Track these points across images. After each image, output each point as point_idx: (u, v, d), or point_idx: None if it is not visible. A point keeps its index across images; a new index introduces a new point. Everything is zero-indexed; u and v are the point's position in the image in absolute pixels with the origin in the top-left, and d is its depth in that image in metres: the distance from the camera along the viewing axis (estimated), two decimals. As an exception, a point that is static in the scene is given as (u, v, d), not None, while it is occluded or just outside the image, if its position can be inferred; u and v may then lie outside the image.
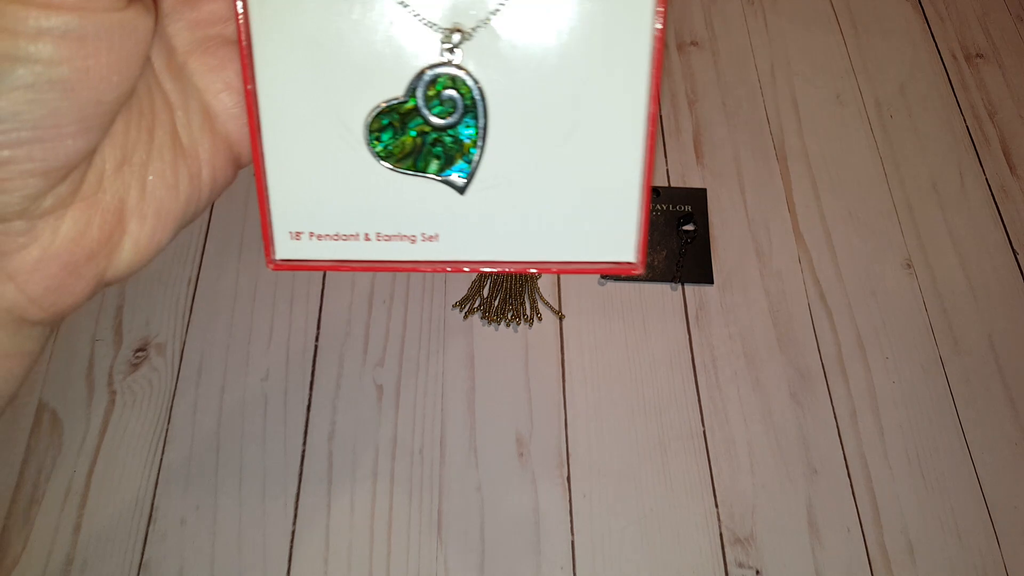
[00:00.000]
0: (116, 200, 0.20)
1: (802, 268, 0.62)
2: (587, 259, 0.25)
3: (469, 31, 0.22)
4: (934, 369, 0.58)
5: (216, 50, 0.22)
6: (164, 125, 0.21)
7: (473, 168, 0.24)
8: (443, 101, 0.23)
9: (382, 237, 0.24)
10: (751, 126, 0.68)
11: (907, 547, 0.52)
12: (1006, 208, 0.65)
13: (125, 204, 0.20)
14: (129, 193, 0.21)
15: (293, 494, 0.52)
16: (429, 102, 0.23)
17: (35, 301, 0.20)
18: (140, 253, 0.21)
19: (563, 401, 0.56)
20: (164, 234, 0.22)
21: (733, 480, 0.54)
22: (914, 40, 0.74)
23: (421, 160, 0.23)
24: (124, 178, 0.20)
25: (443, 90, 0.22)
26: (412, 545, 0.51)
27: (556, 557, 0.51)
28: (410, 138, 0.23)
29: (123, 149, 0.20)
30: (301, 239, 0.24)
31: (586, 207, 0.24)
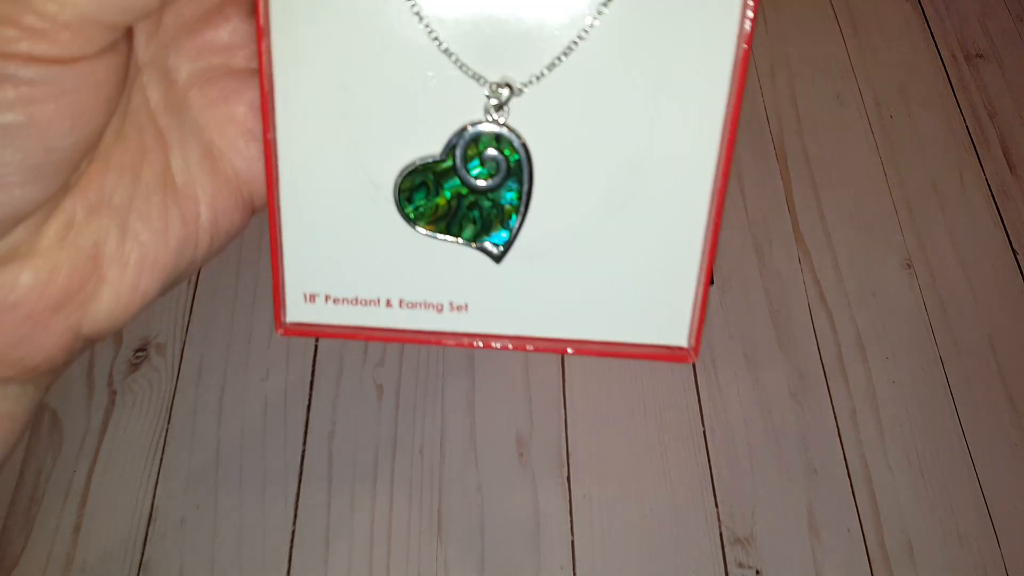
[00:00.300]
0: (90, 245, 0.18)
1: (802, 268, 0.62)
2: (631, 340, 0.22)
3: (520, 86, 0.20)
4: (934, 369, 0.58)
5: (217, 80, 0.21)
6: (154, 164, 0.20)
7: (512, 236, 0.21)
8: (484, 162, 0.20)
9: (406, 304, 0.22)
10: (751, 126, 0.68)
11: (907, 547, 0.52)
12: (1006, 208, 0.65)
13: (101, 250, 0.19)
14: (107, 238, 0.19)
15: (293, 494, 0.52)
16: (468, 162, 0.20)
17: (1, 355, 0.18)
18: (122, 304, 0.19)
19: (563, 401, 0.56)
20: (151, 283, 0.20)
21: (733, 480, 0.54)
22: (914, 40, 0.74)
23: (455, 224, 0.21)
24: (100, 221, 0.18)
25: (485, 150, 0.20)
26: (412, 545, 0.51)
27: (556, 557, 0.51)
28: (444, 200, 0.21)
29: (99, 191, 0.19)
30: (316, 302, 0.22)
31: (635, 284, 0.22)
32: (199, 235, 0.20)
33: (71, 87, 0.16)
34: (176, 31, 0.20)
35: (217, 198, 0.20)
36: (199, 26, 0.20)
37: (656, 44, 0.19)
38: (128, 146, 0.19)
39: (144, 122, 0.19)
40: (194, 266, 0.21)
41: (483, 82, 0.19)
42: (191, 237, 0.20)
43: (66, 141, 0.16)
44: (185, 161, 0.20)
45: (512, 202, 0.21)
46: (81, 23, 0.15)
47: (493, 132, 0.20)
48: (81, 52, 0.16)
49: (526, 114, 0.20)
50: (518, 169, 0.20)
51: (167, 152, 0.20)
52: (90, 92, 0.16)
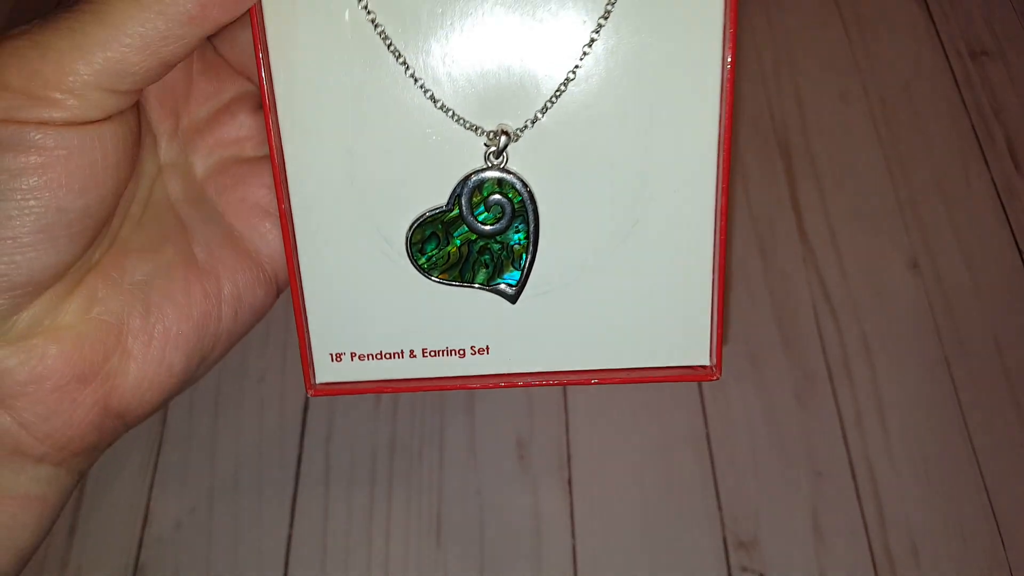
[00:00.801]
0: (113, 319, 0.20)
1: (806, 268, 0.61)
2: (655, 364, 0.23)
3: (516, 132, 0.21)
4: (940, 370, 0.58)
5: (230, 169, 0.23)
6: (176, 244, 0.21)
7: (524, 275, 0.22)
8: (490, 207, 0.21)
9: (429, 353, 0.23)
10: (754, 123, 0.67)
11: (912, 551, 0.52)
12: (1012, 207, 0.64)
13: (125, 324, 0.20)
14: (130, 313, 0.20)
15: (290, 497, 0.52)
16: (474, 209, 0.21)
17: (27, 428, 0.19)
18: (148, 378, 0.20)
19: (564, 403, 0.55)
20: (176, 357, 0.21)
21: (737, 483, 0.53)
22: (919, 37, 0.73)
23: (468, 270, 0.22)
24: (123, 297, 0.20)
25: (489, 195, 0.21)
26: (411, 549, 0.51)
27: (557, 561, 0.50)
28: (455, 248, 0.22)
29: (120, 270, 0.20)
30: (343, 361, 0.23)
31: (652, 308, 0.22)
32: (222, 309, 0.22)
33: (79, 149, 0.17)
34: (191, 133, 0.22)
35: (238, 273, 0.22)
36: (211, 126, 0.23)
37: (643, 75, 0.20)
38: (149, 233, 0.21)
39: (164, 213, 0.21)
40: (219, 342, 0.22)
41: (481, 132, 0.20)
42: (213, 311, 0.21)
43: (77, 203, 0.17)
44: (207, 244, 0.22)
45: (520, 242, 0.22)
46: (85, 90, 0.17)
47: (495, 177, 0.21)
48: (87, 117, 0.17)
49: (525, 157, 0.21)
50: (523, 210, 0.21)
51: (189, 237, 0.21)
52: (97, 156, 0.18)
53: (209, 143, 0.23)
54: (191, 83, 0.22)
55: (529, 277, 0.22)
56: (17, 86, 0.16)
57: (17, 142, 0.16)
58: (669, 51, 0.20)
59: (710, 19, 0.19)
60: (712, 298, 0.22)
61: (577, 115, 0.20)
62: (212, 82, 0.23)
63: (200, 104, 0.22)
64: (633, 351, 0.23)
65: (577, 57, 0.20)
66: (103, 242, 0.20)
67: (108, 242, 0.20)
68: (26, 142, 0.17)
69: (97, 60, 0.17)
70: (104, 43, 0.17)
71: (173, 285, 0.21)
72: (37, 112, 0.17)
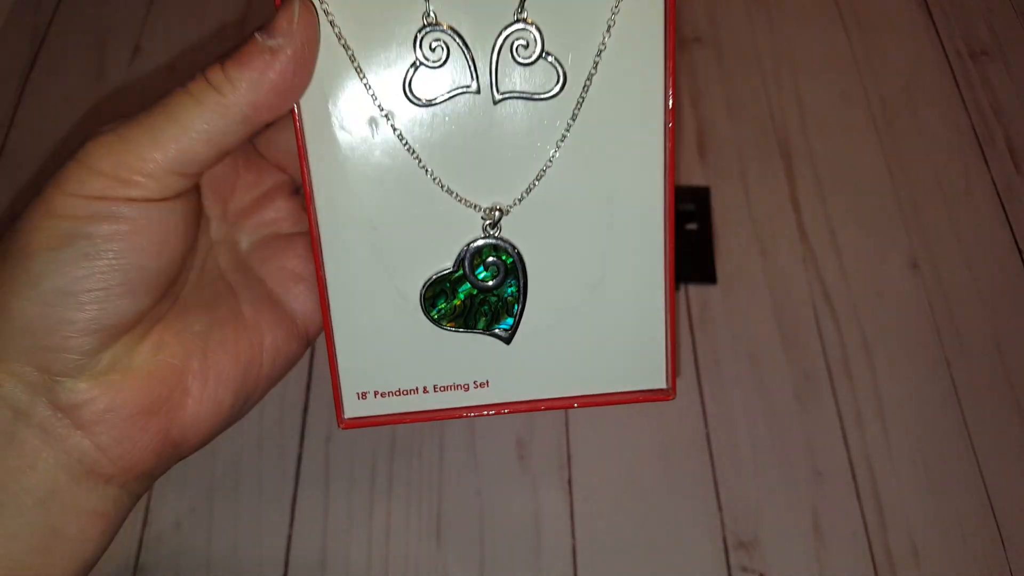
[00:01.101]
0: (177, 362, 0.24)
1: (806, 268, 0.61)
2: (623, 389, 0.28)
3: (507, 207, 0.26)
4: (940, 370, 0.58)
5: (270, 244, 0.28)
6: (227, 303, 0.26)
7: (516, 321, 0.27)
8: (487, 267, 0.26)
9: (439, 388, 0.27)
10: (755, 124, 0.67)
11: (912, 551, 0.52)
12: (1012, 207, 0.64)
13: (186, 366, 0.24)
14: (190, 357, 0.24)
15: (290, 497, 0.52)
16: (475, 269, 0.26)
17: (104, 451, 0.23)
18: (203, 413, 0.24)
19: (564, 403, 0.55)
20: (225, 396, 0.25)
21: (737, 483, 0.53)
22: (919, 37, 0.73)
23: (471, 319, 0.27)
24: (184, 345, 0.24)
25: (487, 258, 0.26)
26: (411, 549, 0.51)
27: (557, 562, 0.50)
28: (460, 301, 0.27)
29: (182, 323, 0.24)
30: (367, 398, 0.27)
31: (618, 345, 0.28)
32: (263, 357, 0.26)
33: (156, 220, 0.22)
34: (237, 215, 0.28)
35: (277, 329, 0.27)
36: (253, 209, 0.28)
37: (604, 166, 0.26)
38: (204, 294, 0.25)
39: (216, 279, 0.26)
40: (260, 385, 0.26)
41: (479, 209, 0.26)
42: (256, 359, 0.26)
43: (153, 263, 0.22)
44: (252, 304, 0.26)
45: (513, 295, 0.27)
46: (160, 174, 0.21)
47: (491, 244, 0.26)
48: (162, 195, 0.22)
49: (515, 227, 0.26)
50: (514, 269, 0.26)
51: (237, 299, 0.26)
52: (170, 226, 0.22)
53: (252, 223, 0.28)
54: (237, 176, 0.27)
55: (520, 323, 0.27)
56: (108, 171, 0.21)
57: (108, 214, 0.21)
58: (623, 149, 0.26)
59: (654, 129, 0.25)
60: (665, 335, 0.28)
61: (554, 195, 0.26)
62: (253, 174, 0.28)
63: (244, 192, 0.28)
64: (605, 379, 0.28)
65: (553, 150, 0.25)
66: (169, 300, 0.24)
67: (172, 300, 0.24)
68: (115, 214, 0.21)
69: (170, 151, 0.21)
70: (175, 138, 0.21)
71: (225, 337, 0.25)
72: (124, 191, 0.21)
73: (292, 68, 0.22)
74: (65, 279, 0.21)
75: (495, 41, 0.24)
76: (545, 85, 0.25)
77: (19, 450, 0.22)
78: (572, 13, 0.24)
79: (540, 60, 0.25)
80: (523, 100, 0.25)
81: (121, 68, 0.69)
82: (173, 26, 0.71)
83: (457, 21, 0.24)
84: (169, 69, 0.69)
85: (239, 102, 0.22)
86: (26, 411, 0.22)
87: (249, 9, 0.72)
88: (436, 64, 0.24)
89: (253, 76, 0.22)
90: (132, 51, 0.70)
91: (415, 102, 0.25)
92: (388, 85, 0.24)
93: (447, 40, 0.24)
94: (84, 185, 0.21)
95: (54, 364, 0.22)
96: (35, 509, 0.22)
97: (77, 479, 0.22)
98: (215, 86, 0.22)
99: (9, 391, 0.21)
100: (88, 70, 0.69)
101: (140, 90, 0.68)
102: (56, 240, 0.21)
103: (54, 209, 0.21)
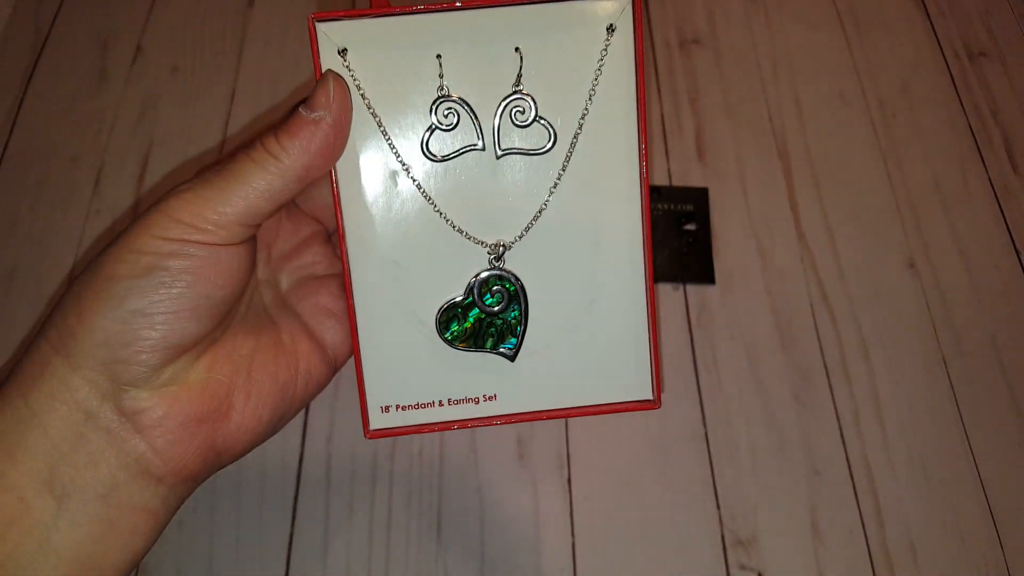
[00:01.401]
0: (225, 379, 0.27)
1: (804, 268, 0.61)
2: (615, 400, 0.32)
3: (510, 243, 0.30)
4: (937, 370, 0.58)
5: (306, 283, 0.32)
6: (269, 332, 0.30)
7: (519, 341, 0.31)
8: (493, 294, 0.30)
9: (452, 402, 0.31)
10: (753, 124, 0.67)
11: (910, 549, 0.52)
12: (1009, 207, 0.65)
13: (233, 382, 0.28)
14: (237, 375, 0.28)
15: (291, 496, 0.52)
16: (483, 296, 0.30)
17: (157, 453, 0.26)
18: (244, 425, 0.28)
19: (564, 402, 0.55)
20: (264, 411, 0.28)
21: (735, 481, 0.53)
22: (916, 38, 0.73)
23: (480, 340, 0.31)
24: (232, 364, 0.28)
25: (493, 286, 0.30)
26: (411, 548, 0.51)
27: (557, 560, 0.51)
28: (470, 324, 0.30)
29: (232, 347, 0.28)
30: (390, 411, 0.31)
31: (609, 361, 0.31)
32: (298, 380, 0.30)
33: (222, 260, 0.26)
34: (279, 259, 0.32)
35: (311, 356, 0.30)
36: (293, 254, 0.32)
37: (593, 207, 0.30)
38: (250, 324, 0.29)
39: (261, 312, 0.30)
40: (294, 404, 0.30)
41: (485, 244, 0.30)
42: (292, 381, 0.29)
43: (217, 294, 0.26)
44: (290, 334, 0.30)
45: (516, 318, 0.31)
46: (228, 224, 0.26)
47: (496, 274, 0.30)
48: (228, 241, 0.26)
49: (517, 259, 0.30)
50: (517, 296, 0.30)
51: (278, 329, 0.30)
52: (232, 265, 0.26)
53: (291, 266, 0.32)
54: (280, 226, 0.32)
55: (523, 342, 0.31)
56: (187, 221, 0.25)
57: (183, 253, 0.25)
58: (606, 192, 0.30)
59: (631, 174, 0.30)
60: (650, 351, 0.31)
61: (549, 232, 0.30)
62: (293, 224, 0.32)
63: (285, 240, 0.32)
64: (598, 392, 0.31)
65: (547, 196, 0.30)
66: (223, 327, 0.28)
67: (225, 327, 0.28)
68: (189, 254, 0.25)
69: (238, 207, 0.26)
70: (242, 196, 0.26)
71: (267, 360, 0.29)
72: (198, 237, 0.25)
73: (333, 134, 0.27)
74: (143, 303, 0.25)
75: (497, 108, 0.29)
76: (539, 143, 0.30)
77: (87, 448, 0.25)
78: (560, 85, 0.29)
79: (535, 123, 0.29)
80: (521, 155, 0.30)
81: (123, 69, 0.69)
82: (175, 27, 0.72)
83: (466, 93, 0.29)
84: (171, 70, 0.69)
85: (293, 165, 0.26)
86: (95, 414, 0.25)
87: (250, 8, 0.73)
88: (449, 127, 0.29)
89: (302, 144, 0.26)
90: (134, 52, 0.70)
91: (431, 158, 0.29)
92: (408, 145, 0.29)
93: (458, 108, 0.29)
94: (167, 230, 0.25)
95: (123, 375, 0.25)
96: (97, 501, 0.25)
97: (134, 478, 0.25)
98: (272, 154, 0.26)
99: (84, 396, 0.25)
100: (90, 71, 0.69)
101: (142, 91, 0.68)
102: (138, 271, 0.25)
103: (139, 246, 0.25)
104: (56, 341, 0.25)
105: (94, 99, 0.68)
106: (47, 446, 0.25)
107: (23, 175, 0.64)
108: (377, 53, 0.28)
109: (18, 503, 0.24)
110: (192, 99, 0.68)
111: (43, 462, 0.24)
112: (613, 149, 0.30)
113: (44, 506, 0.24)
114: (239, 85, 0.68)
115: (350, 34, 0.28)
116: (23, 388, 0.25)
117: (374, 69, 0.28)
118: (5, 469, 0.24)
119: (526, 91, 0.29)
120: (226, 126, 0.66)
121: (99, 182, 0.64)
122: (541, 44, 0.29)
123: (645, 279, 0.31)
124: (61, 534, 0.24)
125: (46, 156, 0.65)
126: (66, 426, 0.25)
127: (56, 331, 0.25)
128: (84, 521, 0.25)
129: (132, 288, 0.25)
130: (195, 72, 0.69)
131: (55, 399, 0.25)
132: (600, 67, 0.29)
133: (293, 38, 0.71)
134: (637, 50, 0.29)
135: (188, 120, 0.67)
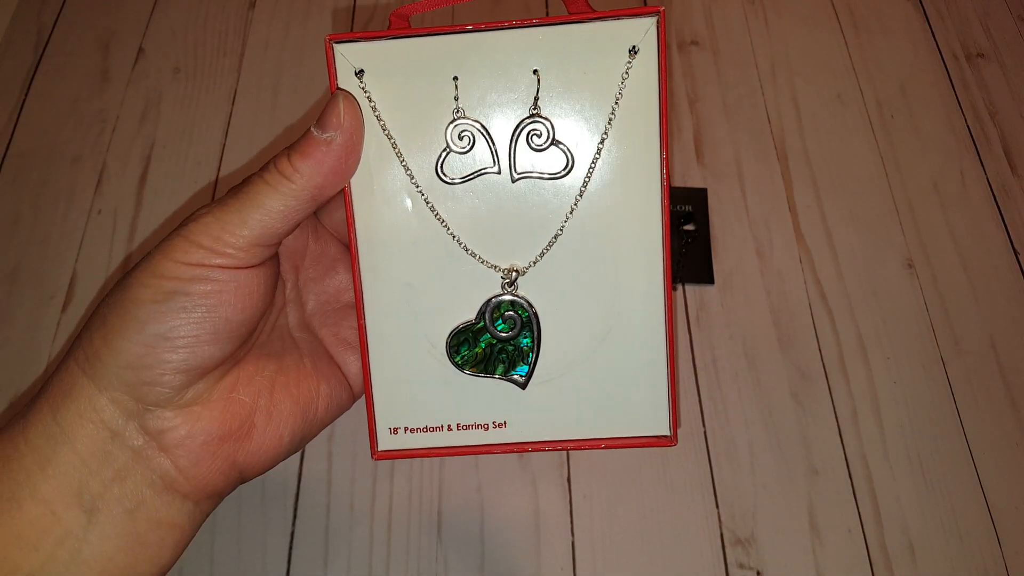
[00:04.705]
0: (247, 400, 0.28)
1: (803, 268, 0.62)
2: (628, 434, 0.30)
3: (523, 269, 0.29)
4: (935, 369, 0.58)
5: (331, 311, 0.32)
6: (292, 355, 0.30)
7: (531, 368, 0.30)
8: (505, 320, 0.30)
9: (461, 427, 0.30)
10: (752, 126, 0.68)
11: (908, 547, 0.52)
12: (1007, 208, 0.65)
13: (255, 403, 0.28)
14: (259, 397, 0.28)
15: (292, 494, 0.52)
16: (494, 321, 0.30)
17: (182, 471, 0.26)
18: (265, 445, 0.28)
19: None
20: (285, 433, 0.29)
21: (734, 481, 0.54)
22: (915, 39, 0.73)
23: (491, 365, 0.30)
24: (255, 386, 0.28)
25: (505, 312, 0.29)
26: (412, 546, 0.51)
27: (556, 558, 0.51)
28: (481, 349, 0.30)
29: (255, 368, 0.28)
30: (398, 433, 0.31)
31: (624, 394, 0.30)
32: (319, 403, 0.30)
33: (243, 283, 0.26)
34: (306, 281, 0.32)
35: (332, 380, 0.31)
36: (320, 277, 0.32)
37: (610, 233, 0.29)
38: (274, 346, 0.30)
39: (285, 334, 0.31)
40: (314, 427, 0.30)
41: (498, 269, 0.29)
42: (313, 404, 0.30)
43: (237, 317, 0.26)
44: (312, 358, 0.31)
45: (528, 345, 0.30)
46: (246, 246, 0.26)
47: (509, 300, 0.29)
48: (248, 263, 0.26)
49: (531, 285, 0.30)
50: (529, 322, 0.30)
51: (300, 353, 0.30)
52: (253, 287, 0.27)
53: (318, 289, 0.32)
54: (307, 247, 0.32)
55: (535, 370, 0.30)
56: (206, 245, 0.26)
57: (204, 277, 0.26)
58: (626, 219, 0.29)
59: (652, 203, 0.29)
60: (667, 385, 0.30)
61: (565, 259, 0.29)
62: (320, 245, 0.32)
63: (312, 262, 0.32)
64: (611, 424, 0.30)
65: (563, 221, 0.29)
66: (246, 348, 0.28)
67: (248, 348, 0.29)
68: (210, 277, 0.26)
69: (255, 228, 0.26)
70: (257, 216, 0.26)
71: (288, 383, 0.29)
72: (218, 260, 0.26)
73: (344, 154, 0.27)
74: (165, 326, 0.25)
75: (514, 132, 0.29)
76: (556, 167, 0.29)
77: (114, 465, 0.26)
78: (578, 109, 0.28)
79: (551, 147, 0.29)
80: (537, 179, 0.29)
81: (125, 70, 0.70)
82: (177, 28, 0.72)
83: (482, 115, 0.29)
84: (173, 71, 0.70)
85: (306, 185, 0.27)
86: (121, 433, 0.26)
87: (252, 10, 0.73)
88: (463, 150, 0.29)
89: (314, 164, 0.27)
90: (136, 53, 0.70)
91: (445, 180, 0.29)
92: (423, 167, 0.29)
93: (473, 130, 0.29)
94: (187, 255, 0.26)
95: (148, 395, 0.26)
96: (124, 516, 0.26)
97: (159, 494, 0.26)
98: (286, 175, 0.26)
99: (110, 416, 0.25)
100: (92, 71, 0.69)
101: (144, 91, 0.68)
102: (161, 295, 0.25)
103: (161, 271, 0.25)
104: (83, 361, 0.26)
105: (96, 100, 0.68)
106: (76, 462, 0.25)
107: (25, 175, 0.64)
108: (394, 74, 0.28)
109: (50, 516, 0.25)
110: (194, 100, 0.68)
111: (73, 477, 0.25)
112: (632, 176, 0.29)
113: (74, 519, 0.25)
114: (241, 86, 0.69)
115: (367, 55, 0.28)
116: (53, 405, 0.26)
117: (390, 90, 0.28)
118: (37, 483, 0.25)
119: (543, 114, 0.28)
120: (227, 127, 0.67)
121: (101, 182, 0.64)
122: (560, 66, 0.28)
123: (664, 310, 0.29)
124: (91, 546, 0.25)
125: (48, 156, 0.65)
126: (94, 444, 0.25)
127: (83, 352, 0.26)
128: (113, 534, 0.25)
129: (154, 312, 0.25)
130: (197, 73, 0.69)
131: (83, 418, 0.25)
132: (621, 91, 0.28)
133: (294, 39, 0.71)
134: (661, 74, 0.28)
135: (190, 121, 0.67)
